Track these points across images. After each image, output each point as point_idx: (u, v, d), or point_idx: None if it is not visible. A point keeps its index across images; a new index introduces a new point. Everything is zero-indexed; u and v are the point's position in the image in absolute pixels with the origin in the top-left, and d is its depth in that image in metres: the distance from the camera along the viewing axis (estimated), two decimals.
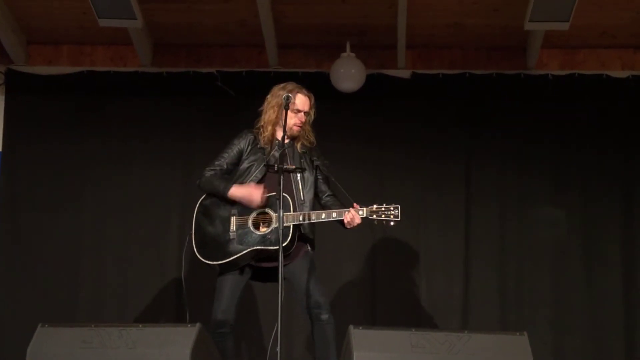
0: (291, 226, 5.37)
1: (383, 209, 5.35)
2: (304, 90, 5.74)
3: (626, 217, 7.77)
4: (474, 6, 7.46)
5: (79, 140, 7.98)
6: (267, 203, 5.52)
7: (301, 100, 5.68)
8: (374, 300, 7.72)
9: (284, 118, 5.49)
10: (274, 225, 5.47)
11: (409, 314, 7.60)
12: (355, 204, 5.43)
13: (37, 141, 7.99)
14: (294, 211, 5.45)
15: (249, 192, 5.53)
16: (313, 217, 5.46)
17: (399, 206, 5.33)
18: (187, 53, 8.11)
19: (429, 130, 7.94)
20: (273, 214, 5.49)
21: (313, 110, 5.75)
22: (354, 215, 5.39)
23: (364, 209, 5.39)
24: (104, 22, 7.32)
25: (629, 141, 7.88)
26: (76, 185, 7.93)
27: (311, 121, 5.77)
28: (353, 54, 7.78)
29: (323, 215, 5.45)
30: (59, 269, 7.79)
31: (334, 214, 5.44)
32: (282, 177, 5.18)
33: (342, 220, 5.46)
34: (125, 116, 8.00)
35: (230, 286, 5.54)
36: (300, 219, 5.42)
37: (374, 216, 5.37)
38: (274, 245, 5.38)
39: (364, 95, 7.85)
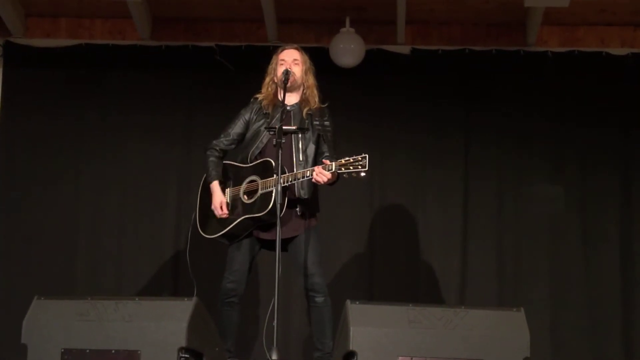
0: (273, 191, 5.31)
1: (351, 160, 5.24)
2: (292, 45, 5.87)
3: (624, 194, 7.77)
4: None
5: (77, 113, 7.97)
6: (257, 169, 5.57)
7: (285, 53, 5.78)
8: (372, 275, 7.73)
9: (283, 94, 5.54)
10: (259, 192, 5.50)
11: (406, 290, 7.60)
12: (324, 161, 5.39)
13: (35, 114, 7.97)
14: (285, 173, 5.44)
15: (217, 204, 5.62)
16: (291, 179, 5.43)
17: (367, 155, 5.21)
18: (186, 27, 8.07)
19: (428, 106, 7.93)
20: (259, 181, 5.52)
21: (307, 66, 5.78)
22: (318, 173, 5.34)
23: (333, 163, 5.30)
24: None
25: (628, 119, 7.87)
26: (74, 158, 7.92)
27: (313, 80, 5.80)
28: (352, 29, 7.76)
29: (299, 176, 5.42)
30: (56, 241, 7.79)
31: (308, 173, 5.39)
32: (280, 149, 5.22)
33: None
34: (123, 90, 7.98)
35: (239, 257, 5.61)
36: (282, 181, 5.34)
37: (343, 169, 5.26)
38: (259, 212, 5.44)
39: (363, 70, 7.83)
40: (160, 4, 7.85)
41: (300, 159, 5.59)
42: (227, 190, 5.67)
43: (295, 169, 5.53)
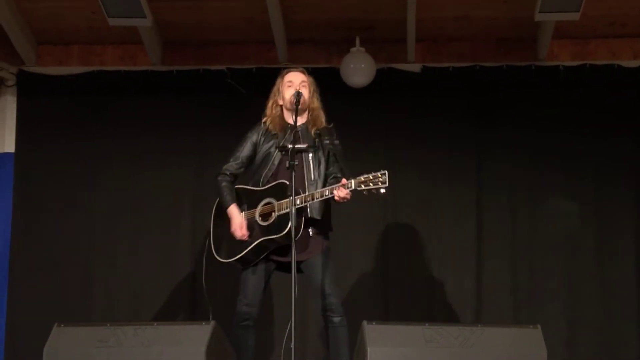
0: (291, 212, 5.24)
1: (371, 177, 5.21)
2: (297, 67, 5.88)
3: (639, 207, 7.74)
4: None
5: (90, 139, 8.01)
6: (272, 192, 5.55)
7: (292, 74, 5.78)
8: (387, 295, 7.72)
9: (294, 114, 5.57)
10: (276, 214, 5.48)
11: (422, 309, 7.59)
12: (343, 179, 5.34)
13: (49, 142, 8.03)
14: (300, 194, 5.41)
15: (237, 226, 5.58)
16: (309, 199, 5.40)
17: (387, 172, 5.18)
18: (197, 51, 8.11)
19: (440, 123, 7.93)
20: (275, 203, 5.50)
21: (313, 88, 5.78)
22: (340, 191, 5.29)
23: (352, 181, 5.26)
24: (113, 22, 7.34)
25: None
26: (88, 184, 7.96)
27: (318, 102, 5.78)
28: (362, 49, 7.77)
29: (317, 196, 5.39)
30: (73, 268, 7.82)
31: (327, 192, 5.36)
32: (293, 171, 5.22)
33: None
34: (135, 115, 8.02)
35: (253, 279, 5.58)
36: (298, 202, 5.34)
37: (362, 186, 5.22)
38: (277, 234, 5.41)
39: (374, 90, 7.84)
40: (171, 29, 7.90)
41: (312, 178, 5.57)
42: (242, 213, 5.65)
43: (307, 189, 5.50)
